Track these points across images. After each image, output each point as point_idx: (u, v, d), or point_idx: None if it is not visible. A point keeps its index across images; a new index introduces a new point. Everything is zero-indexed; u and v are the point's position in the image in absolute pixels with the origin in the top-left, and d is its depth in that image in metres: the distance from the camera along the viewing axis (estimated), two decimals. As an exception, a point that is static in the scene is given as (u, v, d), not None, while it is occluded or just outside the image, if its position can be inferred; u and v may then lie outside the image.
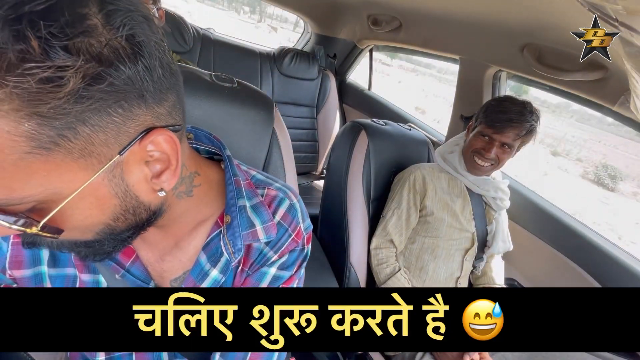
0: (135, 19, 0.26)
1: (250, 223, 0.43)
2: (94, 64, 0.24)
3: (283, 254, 0.46)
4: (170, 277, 0.43)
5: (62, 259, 0.41)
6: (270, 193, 0.47)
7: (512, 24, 1.01)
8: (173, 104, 0.31)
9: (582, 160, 9.52)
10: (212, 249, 0.43)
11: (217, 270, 0.43)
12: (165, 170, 0.32)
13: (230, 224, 0.42)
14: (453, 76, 1.49)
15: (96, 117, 0.25)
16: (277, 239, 0.45)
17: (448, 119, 1.53)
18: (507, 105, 0.93)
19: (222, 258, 0.43)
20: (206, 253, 0.43)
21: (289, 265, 0.46)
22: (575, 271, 1.10)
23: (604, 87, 0.94)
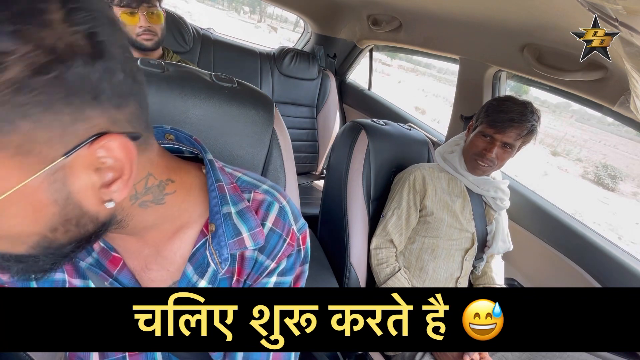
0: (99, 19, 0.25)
1: (236, 231, 0.41)
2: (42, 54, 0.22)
3: (280, 260, 0.44)
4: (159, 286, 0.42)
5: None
6: (257, 197, 0.44)
7: (512, 24, 1.01)
8: (133, 112, 0.30)
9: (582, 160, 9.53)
10: (199, 259, 0.41)
11: (205, 282, 0.41)
12: (117, 180, 0.29)
13: (215, 232, 0.40)
14: (453, 76, 1.49)
15: (39, 112, 0.23)
16: (273, 246, 0.43)
17: (448, 119, 1.53)
18: (509, 105, 0.93)
19: (209, 268, 0.41)
20: (192, 264, 0.41)
21: (288, 270, 0.45)
22: (575, 271, 1.10)
23: (604, 87, 0.94)
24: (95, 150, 0.27)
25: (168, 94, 0.60)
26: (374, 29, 1.72)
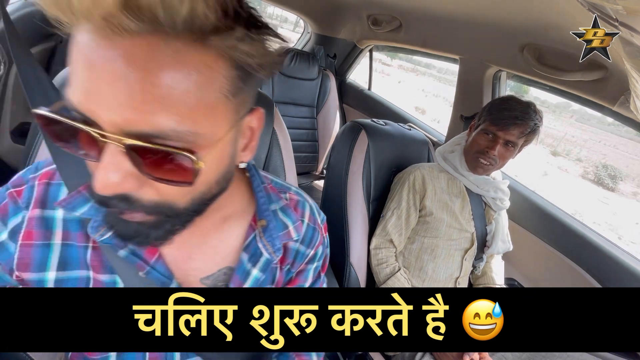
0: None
1: (283, 224, 0.47)
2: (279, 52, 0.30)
3: (317, 248, 0.52)
4: (200, 275, 0.44)
5: (72, 262, 0.40)
6: (293, 197, 0.52)
7: (512, 24, 1.01)
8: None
9: (582, 160, 9.52)
10: (251, 250, 0.46)
11: (257, 269, 0.46)
12: (249, 145, 0.37)
13: (267, 227, 0.46)
14: (453, 76, 1.49)
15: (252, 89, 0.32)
16: (310, 238, 0.51)
17: (448, 119, 1.53)
18: (512, 103, 0.93)
19: (261, 258, 0.46)
20: (247, 253, 0.45)
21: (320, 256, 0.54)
22: (576, 271, 1.10)
23: (604, 87, 0.94)
24: (249, 118, 0.35)
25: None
26: (374, 29, 1.72)
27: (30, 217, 0.38)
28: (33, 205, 0.39)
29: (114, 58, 0.24)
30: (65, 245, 0.39)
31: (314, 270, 0.54)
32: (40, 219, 0.39)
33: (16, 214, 0.38)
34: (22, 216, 0.38)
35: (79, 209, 0.38)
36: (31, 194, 0.39)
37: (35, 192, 0.39)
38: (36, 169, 0.41)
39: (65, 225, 0.39)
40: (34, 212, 0.39)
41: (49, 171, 0.41)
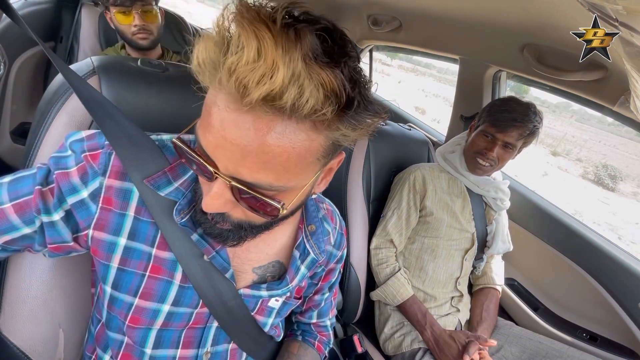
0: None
1: (327, 231, 0.57)
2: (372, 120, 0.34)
3: (343, 250, 0.64)
4: (254, 265, 0.52)
5: (140, 235, 0.45)
6: (329, 207, 0.61)
7: (512, 24, 1.01)
8: None
9: (582, 160, 9.53)
10: (301, 249, 0.54)
11: (304, 267, 0.55)
12: (324, 179, 0.43)
13: (315, 231, 0.55)
14: (453, 76, 1.49)
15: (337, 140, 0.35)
16: (339, 241, 0.62)
17: (448, 119, 1.53)
18: (512, 105, 0.93)
19: (308, 257, 0.55)
20: (299, 252, 0.54)
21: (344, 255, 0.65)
22: (576, 271, 1.10)
23: (604, 87, 0.94)
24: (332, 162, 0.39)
25: (168, 94, 0.60)
26: (374, 29, 1.72)
27: (109, 186, 0.43)
28: (110, 174, 0.43)
29: (242, 125, 0.30)
30: (137, 219, 0.44)
31: (338, 269, 0.65)
32: (120, 190, 0.43)
33: (94, 179, 0.42)
34: (99, 181, 0.42)
35: (163, 189, 0.44)
36: (108, 161, 0.43)
37: (112, 161, 0.43)
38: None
39: (139, 201, 0.44)
40: (113, 182, 0.43)
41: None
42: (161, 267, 0.46)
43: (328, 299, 0.68)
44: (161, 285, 0.46)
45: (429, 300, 1.02)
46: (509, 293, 1.26)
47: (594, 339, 1.07)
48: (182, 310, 0.48)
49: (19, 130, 1.38)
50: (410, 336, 0.98)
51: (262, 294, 0.52)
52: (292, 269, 0.53)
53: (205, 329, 0.51)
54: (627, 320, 1.00)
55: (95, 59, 0.58)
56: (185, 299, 0.47)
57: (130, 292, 0.45)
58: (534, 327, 1.13)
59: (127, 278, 0.45)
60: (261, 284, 0.52)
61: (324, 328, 0.70)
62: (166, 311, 0.47)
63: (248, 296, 0.51)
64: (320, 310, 0.67)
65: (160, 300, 0.46)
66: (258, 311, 0.53)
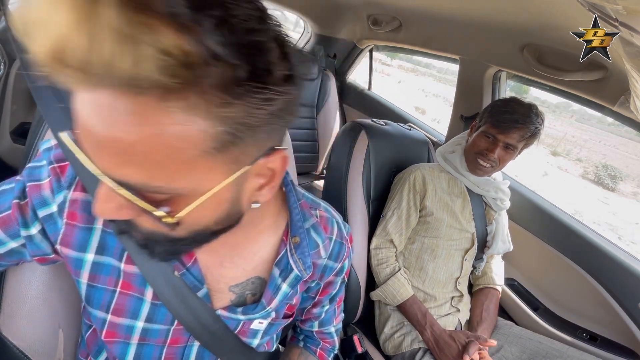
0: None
1: (315, 243, 0.50)
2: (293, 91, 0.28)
3: (344, 261, 0.56)
4: (230, 283, 0.46)
5: (109, 249, 0.42)
6: (323, 215, 0.53)
7: (512, 24, 1.01)
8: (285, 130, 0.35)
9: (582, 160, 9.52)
10: (283, 265, 0.47)
11: (287, 285, 0.48)
12: (266, 185, 0.35)
13: (300, 244, 0.47)
14: (453, 76, 1.49)
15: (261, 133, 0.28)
16: (337, 252, 0.54)
17: (448, 119, 1.53)
18: (514, 106, 0.93)
19: (291, 274, 0.48)
20: (279, 268, 0.47)
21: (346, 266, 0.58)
22: (576, 271, 1.10)
23: (604, 87, 0.94)
24: (267, 160, 0.32)
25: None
26: (374, 29, 1.72)
27: (73, 199, 0.40)
28: (77, 186, 0.40)
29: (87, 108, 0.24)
30: (104, 232, 0.42)
31: (341, 280, 0.59)
32: (86, 202, 0.41)
33: (59, 192, 0.40)
34: (63, 195, 0.40)
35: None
36: (74, 175, 0.40)
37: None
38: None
39: None
40: (79, 194, 0.40)
41: None
42: (131, 283, 0.43)
43: (330, 310, 0.62)
44: (132, 302, 0.43)
45: (429, 300, 1.02)
46: (509, 293, 1.26)
47: (594, 339, 1.07)
48: (156, 327, 0.45)
49: (19, 130, 1.38)
50: (410, 336, 0.98)
51: (239, 317, 0.47)
52: (270, 289, 0.47)
53: (187, 347, 0.48)
54: (627, 320, 1.00)
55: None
56: (159, 316, 0.44)
57: (102, 308, 0.43)
58: (534, 327, 1.13)
59: (97, 294, 0.43)
60: (238, 305, 0.47)
61: (328, 335, 0.65)
62: (140, 327, 0.44)
63: (226, 317, 0.47)
64: (321, 320, 0.62)
65: (133, 316, 0.44)
66: (240, 332, 0.49)
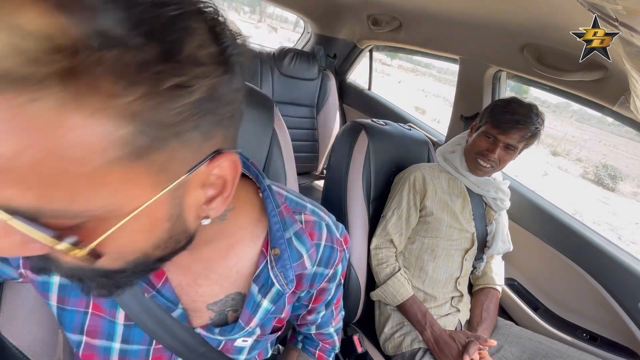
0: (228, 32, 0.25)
1: (298, 254, 0.44)
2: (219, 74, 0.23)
3: (336, 266, 0.50)
4: (208, 301, 0.42)
5: None
6: (308, 219, 0.47)
7: (512, 24, 1.01)
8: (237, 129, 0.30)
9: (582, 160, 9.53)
10: (262, 279, 0.43)
11: (268, 301, 0.44)
12: (217, 197, 0.29)
13: (280, 256, 0.43)
14: (453, 76, 1.49)
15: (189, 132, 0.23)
16: (328, 257, 0.48)
17: (448, 119, 1.53)
18: (514, 106, 0.93)
19: (272, 289, 0.44)
20: (258, 284, 0.43)
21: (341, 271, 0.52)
22: (576, 271, 1.10)
23: (604, 87, 0.94)
24: (211, 168, 0.27)
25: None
26: (374, 29, 1.72)
27: None
28: None
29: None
30: None
31: (337, 285, 0.54)
32: None
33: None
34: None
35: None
36: None
37: None
38: None
39: None
40: None
41: None
42: (100, 305, 0.40)
43: (326, 314, 0.57)
44: (105, 324, 0.40)
45: (429, 300, 1.02)
46: (509, 293, 1.26)
47: (594, 339, 1.07)
48: (135, 347, 0.42)
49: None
50: (410, 336, 0.98)
51: (218, 338, 0.43)
52: (248, 308, 0.43)
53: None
54: (627, 320, 1.00)
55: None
56: (135, 337, 0.41)
57: (76, 331, 0.40)
58: (534, 327, 1.13)
59: (69, 317, 0.40)
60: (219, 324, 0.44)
61: (327, 336, 0.61)
62: (118, 348, 0.41)
63: (205, 336, 0.43)
64: (319, 324, 0.58)
65: (108, 338, 0.41)
66: (224, 349, 0.46)
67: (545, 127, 0.95)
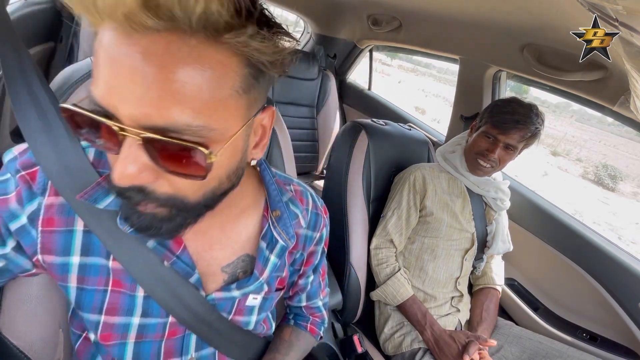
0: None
1: (294, 214, 0.52)
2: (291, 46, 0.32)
3: (321, 230, 0.58)
4: (222, 263, 0.48)
5: (94, 248, 0.41)
6: (297, 188, 0.56)
7: (512, 24, 1.01)
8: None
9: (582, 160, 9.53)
10: (268, 238, 0.50)
11: (274, 256, 0.50)
12: (260, 143, 0.38)
13: (281, 217, 0.50)
14: (453, 76, 1.49)
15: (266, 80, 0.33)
16: (315, 222, 0.56)
17: (448, 119, 1.53)
18: (514, 106, 0.93)
19: (277, 245, 0.50)
20: (265, 242, 0.49)
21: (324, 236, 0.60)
22: (576, 271, 1.10)
23: (604, 87, 0.94)
24: (261, 116, 0.36)
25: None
26: (374, 29, 1.72)
27: (49, 205, 0.39)
28: (51, 191, 0.39)
29: (133, 54, 0.25)
30: (87, 232, 0.40)
31: (322, 250, 0.61)
32: (62, 206, 0.39)
33: (32, 200, 0.38)
34: (37, 202, 0.38)
35: (101, 201, 0.38)
36: (46, 179, 0.39)
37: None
38: None
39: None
40: (54, 199, 0.39)
41: None
42: (121, 280, 0.42)
43: (314, 281, 0.64)
44: (125, 299, 0.43)
45: (429, 300, 1.02)
46: (509, 293, 1.26)
47: (594, 339, 1.07)
48: (153, 321, 0.45)
49: (19, 131, 1.38)
50: (410, 336, 0.98)
51: (234, 294, 0.48)
52: (260, 261, 0.49)
53: (185, 336, 0.48)
54: (627, 320, 1.00)
55: (95, 59, 0.58)
56: (154, 310, 0.44)
57: (95, 311, 0.42)
58: (534, 327, 1.13)
59: (88, 296, 0.42)
60: (232, 283, 0.48)
61: (316, 309, 0.67)
62: (137, 324, 0.44)
63: (221, 299, 0.48)
64: (308, 293, 0.64)
65: (128, 313, 0.43)
66: (237, 312, 0.51)
67: (545, 127, 0.95)
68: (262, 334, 0.58)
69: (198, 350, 0.49)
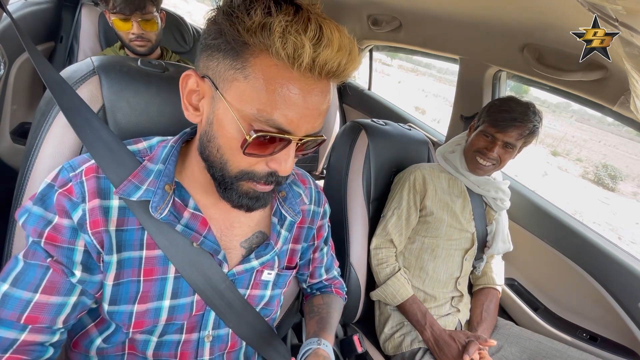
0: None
1: (297, 193, 0.62)
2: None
3: (324, 205, 0.69)
4: (240, 239, 0.55)
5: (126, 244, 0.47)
6: (297, 172, 0.66)
7: (512, 24, 1.01)
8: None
9: (582, 160, 9.53)
10: (278, 215, 0.59)
11: (284, 230, 0.59)
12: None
13: (286, 196, 0.59)
14: (453, 76, 1.49)
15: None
16: (317, 198, 0.67)
17: (448, 119, 1.53)
18: (511, 105, 0.93)
19: (286, 221, 0.60)
20: (276, 217, 0.58)
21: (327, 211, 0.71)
22: (576, 271, 1.10)
23: (604, 87, 0.94)
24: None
25: (168, 94, 0.60)
26: (374, 29, 1.72)
27: (91, 208, 0.44)
28: (90, 197, 0.44)
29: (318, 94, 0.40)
30: (119, 232, 0.46)
31: (327, 225, 0.71)
32: (101, 207, 0.45)
33: (76, 209, 0.44)
34: (81, 209, 0.44)
35: (134, 195, 0.45)
36: (83, 188, 0.44)
37: (86, 186, 0.45)
38: (72, 168, 0.46)
39: (120, 213, 0.46)
40: (94, 202, 0.44)
41: (92, 166, 0.46)
42: (153, 266, 0.48)
43: (327, 252, 0.74)
44: (157, 285, 0.49)
45: (429, 300, 1.02)
46: (509, 293, 1.26)
47: (594, 339, 1.07)
48: (182, 301, 0.51)
49: (19, 130, 1.38)
50: (410, 336, 0.98)
51: (253, 264, 0.55)
52: (274, 232, 0.57)
53: (205, 313, 0.54)
54: (627, 320, 1.00)
55: (96, 59, 0.58)
56: (183, 289, 0.51)
57: (130, 301, 0.48)
58: (534, 327, 1.13)
59: (125, 289, 0.47)
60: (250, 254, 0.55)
61: (334, 277, 0.79)
62: (167, 306, 0.50)
63: (241, 273, 0.55)
64: (326, 266, 0.75)
65: (159, 298, 0.49)
66: (253, 286, 0.58)
67: (545, 127, 0.95)
68: (269, 317, 0.63)
69: (215, 328, 0.56)
